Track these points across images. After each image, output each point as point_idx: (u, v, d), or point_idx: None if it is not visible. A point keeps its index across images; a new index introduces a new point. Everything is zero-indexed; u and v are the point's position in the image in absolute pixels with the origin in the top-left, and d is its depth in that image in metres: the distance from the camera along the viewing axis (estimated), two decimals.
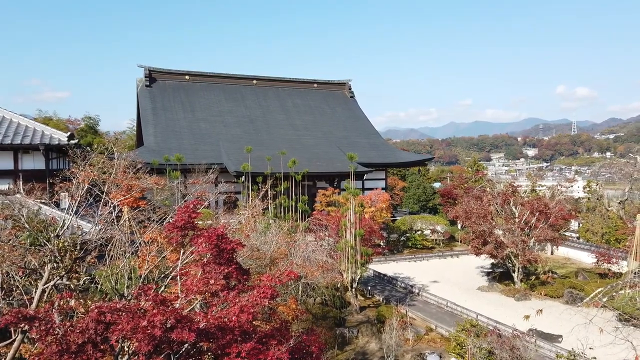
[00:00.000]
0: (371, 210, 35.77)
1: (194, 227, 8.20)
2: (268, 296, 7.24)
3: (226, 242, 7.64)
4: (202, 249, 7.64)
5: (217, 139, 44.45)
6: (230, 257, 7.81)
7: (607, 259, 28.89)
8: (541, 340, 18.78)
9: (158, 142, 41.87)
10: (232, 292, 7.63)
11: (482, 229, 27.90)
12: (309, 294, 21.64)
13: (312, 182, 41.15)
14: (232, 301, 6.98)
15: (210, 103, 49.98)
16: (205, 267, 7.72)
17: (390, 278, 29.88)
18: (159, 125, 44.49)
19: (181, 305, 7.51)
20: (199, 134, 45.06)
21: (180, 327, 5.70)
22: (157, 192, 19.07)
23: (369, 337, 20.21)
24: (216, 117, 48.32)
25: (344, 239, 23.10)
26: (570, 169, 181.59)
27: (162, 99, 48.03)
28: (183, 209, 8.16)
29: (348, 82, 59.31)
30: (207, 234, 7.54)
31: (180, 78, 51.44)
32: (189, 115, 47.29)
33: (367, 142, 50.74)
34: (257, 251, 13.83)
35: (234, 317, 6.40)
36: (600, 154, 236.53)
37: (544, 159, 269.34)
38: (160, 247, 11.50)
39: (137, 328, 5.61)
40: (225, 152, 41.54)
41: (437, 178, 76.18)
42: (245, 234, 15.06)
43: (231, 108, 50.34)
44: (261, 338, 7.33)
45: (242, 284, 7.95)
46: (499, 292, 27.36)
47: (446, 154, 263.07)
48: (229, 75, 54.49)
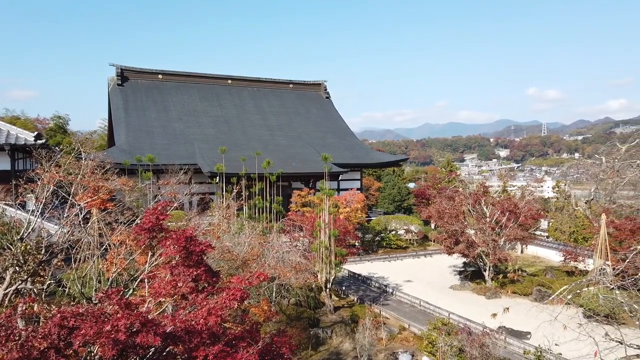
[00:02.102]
0: (346, 210, 35.94)
1: (163, 229, 8.10)
2: (237, 298, 7.22)
3: (195, 244, 7.58)
4: (170, 252, 7.56)
5: (191, 139, 43.94)
6: (200, 259, 7.75)
7: (573, 257, 29.76)
8: (510, 337, 19.21)
9: (130, 142, 41.11)
10: (201, 294, 7.58)
11: (455, 229, 28.36)
12: (283, 295, 21.60)
13: (287, 183, 41.09)
14: (200, 304, 6.93)
15: (184, 103, 49.37)
16: (174, 269, 7.65)
17: (364, 278, 30.07)
18: (131, 124, 43.69)
19: (148, 308, 7.40)
20: (173, 134, 44.45)
21: (146, 331, 5.63)
22: (128, 193, 18.72)
23: (343, 337, 20.29)
24: (190, 116, 47.76)
25: (319, 240, 23.14)
26: (541, 170, 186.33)
27: (135, 98, 47.20)
28: (151, 210, 8.05)
29: (323, 83, 59.43)
30: (176, 236, 7.47)
31: (154, 77, 50.63)
32: (162, 114, 46.60)
33: (343, 143, 50.95)
34: (228, 253, 13.74)
35: (202, 319, 6.35)
36: (569, 154, 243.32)
37: (516, 160, 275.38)
38: (129, 250, 11.31)
39: (100, 333, 5.51)
40: (199, 152, 41.09)
41: (412, 178, 77.10)
42: (216, 236, 14.93)
43: (206, 108, 49.83)
44: (230, 340, 7.29)
45: (211, 286, 7.90)
46: (471, 291, 27.86)
47: (421, 155, 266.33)
48: (203, 75, 53.94)
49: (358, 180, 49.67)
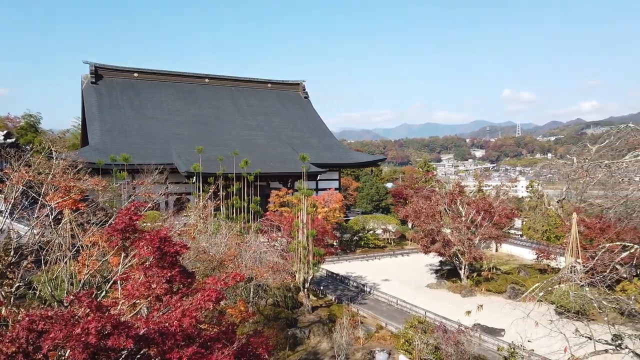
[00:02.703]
0: (324, 210, 36.02)
1: (136, 230, 7.97)
2: (213, 299, 7.15)
3: (169, 245, 7.48)
4: (143, 253, 7.44)
5: (168, 139, 43.36)
6: (174, 260, 7.66)
7: (546, 255, 30.46)
8: (485, 335, 19.55)
9: (104, 142, 40.34)
10: (176, 295, 7.49)
11: (431, 228, 28.71)
12: (260, 296, 21.50)
13: (265, 183, 40.94)
14: (174, 305, 6.84)
15: (160, 101, 48.70)
16: (147, 270, 7.54)
17: (342, 277, 30.17)
18: (105, 123, 42.87)
19: (121, 310, 7.28)
20: (149, 134, 43.79)
21: (117, 334, 5.53)
22: (101, 194, 18.36)
23: (321, 336, 20.31)
24: (167, 116, 47.14)
25: (297, 240, 23.12)
26: (515, 170, 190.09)
27: (109, 97, 46.32)
28: (124, 211, 7.91)
29: (302, 83, 59.41)
30: (149, 237, 7.36)
31: (129, 75, 49.80)
32: (137, 113, 45.86)
33: (321, 143, 51.03)
34: (204, 253, 13.59)
35: (176, 321, 6.28)
36: (542, 155, 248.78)
37: (491, 160, 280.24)
38: (102, 251, 11.10)
39: (70, 336, 5.39)
40: (176, 152, 40.57)
41: (390, 178, 77.66)
42: (191, 236, 14.76)
43: (183, 107, 49.25)
44: (206, 342, 7.23)
45: (186, 288, 7.81)
46: (447, 289, 28.23)
47: (399, 155, 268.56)
48: (180, 74, 53.30)
49: (336, 180, 49.82)
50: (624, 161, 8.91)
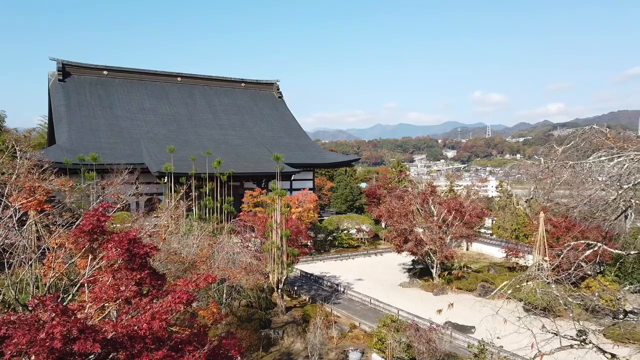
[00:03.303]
0: (298, 210, 35.97)
1: (104, 231, 7.79)
2: (184, 301, 7.06)
3: (139, 246, 7.35)
4: (112, 255, 7.29)
5: (139, 138, 42.54)
6: (144, 262, 7.52)
7: (515, 254, 31.22)
8: (456, 332, 19.88)
9: (72, 141, 39.27)
10: (146, 298, 7.36)
11: (404, 227, 29.02)
12: (234, 297, 21.32)
13: (239, 183, 40.62)
14: (144, 308, 6.72)
15: (131, 100, 47.70)
16: (116, 273, 7.39)
17: (316, 277, 30.20)
18: (73, 122, 41.73)
19: (88, 314, 7.10)
20: (119, 133, 42.85)
21: (84, 338, 5.40)
22: (69, 194, 17.87)
23: (295, 337, 20.28)
24: (137, 114, 46.22)
25: (270, 240, 23.02)
26: (485, 170, 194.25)
27: (78, 95, 45.11)
28: (91, 212, 7.72)
29: (276, 83, 59.20)
30: (118, 239, 7.21)
31: (98, 73, 48.62)
32: (107, 112, 44.82)
33: (295, 143, 50.96)
34: (175, 255, 13.38)
35: (145, 324, 6.16)
36: (512, 155, 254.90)
37: (462, 160, 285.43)
38: (69, 253, 10.80)
39: (34, 341, 5.23)
40: (147, 151, 39.84)
41: (364, 178, 78.16)
42: (162, 237, 14.52)
43: (154, 106, 48.39)
44: (176, 344, 7.13)
45: (156, 290, 7.69)
46: (419, 288, 28.60)
47: (373, 155, 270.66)
48: (152, 72, 52.35)
49: (310, 180, 49.84)
50: (587, 162, 9.21)
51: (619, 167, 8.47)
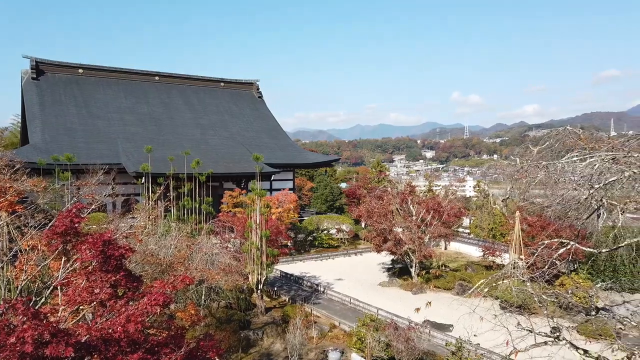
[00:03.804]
0: (278, 210, 35.87)
1: (78, 233, 7.63)
2: (160, 303, 6.97)
3: (114, 248, 7.22)
4: (86, 256, 7.14)
5: (115, 138, 41.82)
6: (119, 264, 7.40)
7: (491, 252, 31.74)
8: (434, 330, 20.11)
9: (46, 141, 38.38)
10: (121, 300, 7.24)
11: (383, 227, 29.22)
12: (213, 298, 21.14)
13: (218, 183, 40.29)
14: (119, 310, 6.61)
15: (107, 99, 46.84)
16: (90, 275, 7.25)
17: (296, 278, 30.17)
18: (47, 122, 40.78)
19: (61, 317, 6.95)
20: (95, 132, 42.03)
21: (56, 342, 5.28)
22: (42, 195, 17.45)
23: (274, 338, 20.23)
24: (114, 114, 45.42)
25: (250, 241, 22.91)
26: (463, 170, 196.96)
27: (52, 94, 44.09)
28: (65, 213, 7.56)
29: (256, 82, 58.91)
30: (92, 240, 7.08)
31: (73, 71, 47.61)
32: (82, 111, 43.92)
33: (275, 143, 50.80)
34: (151, 256, 13.19)
35: (120, 327, 6.06)
36: (489, 156, 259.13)
37: (441, 161, 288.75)
38: (42, 255, 10.56)
39: (4, 345, 5.10)
40: (124, 151, 39.20)
41: (344, 178, 78.38)
42: (138, 239, 14.29)
43: (131, 105, 47.62)
44: (153, 347, 7.03)
45: (132, 292, 7.57)
46: (398, 287, 28.83)
47: (353, 155, 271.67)
48: (129, 70, 51.50)
49: (291, 180, 49.73)
50: (560, 162, 9.42)
51: (590, 167, 8.68)
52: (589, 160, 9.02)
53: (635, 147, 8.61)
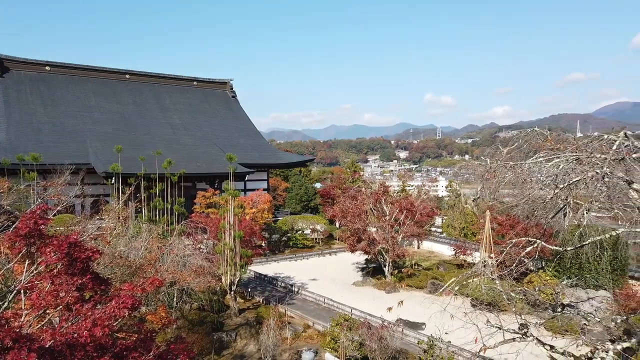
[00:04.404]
0: (252, 211, 35.67)
1: (42, 235, 7.41)
2: (128, 306, 6.84)
3: (80, 250, 7.04)
4: (50, 259, 6.94)
5: (84, 137, 40.81)
6: (86, 267, 7.22)
7: (463, 251, 32.32)
8: (407, 329, 20.32)
9: (11, 139, 37.17)
10: (88, 304, 7.07)
11: (357, 227, 29.38)
12: (185, 300, 20.85)
13: (191, 184, 39.78)
14: (85, 314, 6.45)
15: (76, 97, 45.67)
16: (55, 278, 7.05)
17: (270, 278, 30.04)
18: (12, 120, 39.51)
19: (24, 322, 6.73)
20: (62, 131, 40.93)
21: (18, 348, 5.11)
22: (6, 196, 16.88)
23: (248, 339, 20.09)
24: (83, 112, 44.32)
25: (223, 242, 22.70)
26: (436, 170, 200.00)
27: (17, 91, 42.74)
28: (29, 214, 7.33)
29: (229, 82, 58.41)
30: (57, 243, 6.88)
31: (40, 68, 46.24)
32: (49, 110, 42.70)
33: (249, 143, 50.48)
34: (120, 258, 12.91)
35: (86, 331, 5.91)
36: (460, 156, 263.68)
37: (414, 161, 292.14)
38: (5, 259, 10.21)
39: None
40: (93, 151, 38.30)
41: (319, 179, 78.47)
42: (106, 241, 13.97)
43: (101, 103, 46.55)
44: (121, 351, 6.89)
45: (99, 295, 7.40)
46: (372, 286, 29.04)
47: (327, 156, 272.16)
48: (98, 68, 50.33)
49: (265, 180, 49.51)
50: (526, 163, 9.67)
51: (555, 167, 8.93)
52: (555, 161, 9.28)
53: (597, 148, 8.91)
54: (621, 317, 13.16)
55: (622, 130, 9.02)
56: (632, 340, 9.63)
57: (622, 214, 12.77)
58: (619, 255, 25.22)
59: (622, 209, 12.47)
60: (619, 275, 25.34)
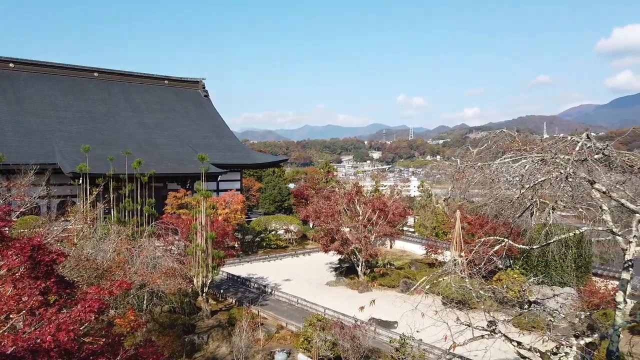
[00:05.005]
0: (225, 211, 35.34)
1: (4, 238, 7.16)
2: (95, 310, 6.68)
3: (44, 252, 6.84)
4: (12, 262, 6.71)
5: (50, 137, 39.63)
6: (50, 270, 7.01)
7: (434, 250, 32.82)
8: (380, 328, 20.52)
9: None
10: (52, 308, 6.87)
11: (331, 227, 29.48)
12: (155, 303, 20.49)
13: (162, 184, 39.12)
14: (49, 319, 6.26)
15: (41, 95, 44.29)
16: (18, 282, 6.82)
17: (243, 279, 29.84)
18: None
19: None
20: (27, 130, 39.62)
21: None
22: None
23: (220, 341, 19.89)
24: (49, 111, 43.02)
25: (195, 243, 22.41)
26: (408, 170, 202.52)
27: None
28: None
29: (202, 81, 57.72)
30: (20, 245, 6.66)
31: (3, 65, 44.65)
32: (13, 108, 41.28)
33: (222, 143, 49.99)
34: (87, 261, 12.58)
35: (49, 336, 5.74)
36: (432, 157, 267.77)
37: (387, 161, 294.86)
38: None
39: None
40: (59, 151, 37.23)
41: (293, 179, 78.31)
42: (72, 243, 13.61)
43: (68, 102, 45.27)
44: (87, 356, 6.73)
45: (64, 299, 7.20)
46: (345, 286, 29.18)
47: (301, 156, 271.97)
48: (65, 66, 48.93)
49: (238, 181, 49.13)
50: (494, 164, 9.90)
51: (521, 168, 9.17)
52: (521, 162, 9.53)
53: (562, 149, 9.19)
54: (585, 313, 13.62)
55: (584, 132, 9.33)
56: (594, 336, 9.96)
57: (585, 213, 13.22)
58: (583, 253, 26.07)
59: (585, 208, 12.90)
60: (583, 272, 26.20)
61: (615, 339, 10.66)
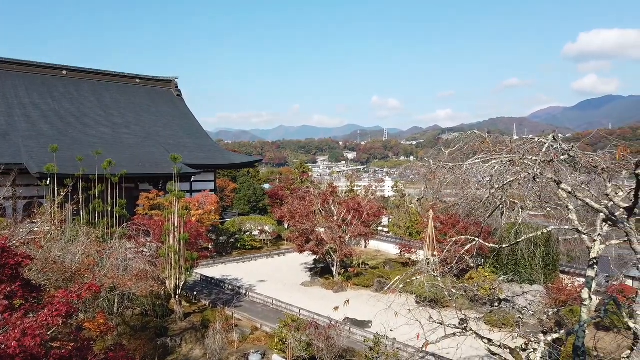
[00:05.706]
0: (199, 212, 34.91)
1: None
2: (62, 314, 6.52)
3: (8, 256, 6.63)
4: None
5: (16, 136, 38.38)
6: (15, 273, 6.80)
7: (408, 250, 33.19)
8: (354, 327, 20.63)
9: None
10: (18, 313, 6.66)
11: (306, 228, 29.48)
12: (127, 306, 20.08)
13: (134, 185, 38.39)
14: (14, 324, 6.07)
15: (6, 93, 42.86)
16: None
17: (217, 281, 29.54)
18: None
19: None
20: None
21: None
22: None
23: (193, 344, 19.64)
24: (14, 109, 41.66)
25: (167, 244, 22.06)
26: (382, 171, 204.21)
27: None
28: None
29: (174, 80, 56.91)
30: None
31: None
32: None
33: (195, 143, 49.37)
34: (54, 263, 12.22)
35: (14, 342, 5.57)
36: (406, 157, 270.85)
37: (362, 162, 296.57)
38: None
39: None
40: (26, 150, 36.09)
41: (268, 179, 77.91)
42: (39, 245, 13.21)
43: (35, 100, 43.94)
44: None
45: (30, 303, 6.99)
46: (320, 286, 29.23)
47: (276, 156, 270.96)
48: (32, 63, 47.47)
49: (212, 181, 48.61)
50: (464, 164, 10.08)
51: (491, 168, 9.37)
52: (491, 162, 9.73)
53: (529, 150, 9.42)
54: (553, 310, 14.01)
55: (551, 133, 9.59)
56: (561, 332, 10.25)
57: (553, 213, 13.59)
58: (551, 252, 26.82)
59: (553, 208, 13.27)
60: (551, 270, 26.94)
61: (581, 335, 10.99)
